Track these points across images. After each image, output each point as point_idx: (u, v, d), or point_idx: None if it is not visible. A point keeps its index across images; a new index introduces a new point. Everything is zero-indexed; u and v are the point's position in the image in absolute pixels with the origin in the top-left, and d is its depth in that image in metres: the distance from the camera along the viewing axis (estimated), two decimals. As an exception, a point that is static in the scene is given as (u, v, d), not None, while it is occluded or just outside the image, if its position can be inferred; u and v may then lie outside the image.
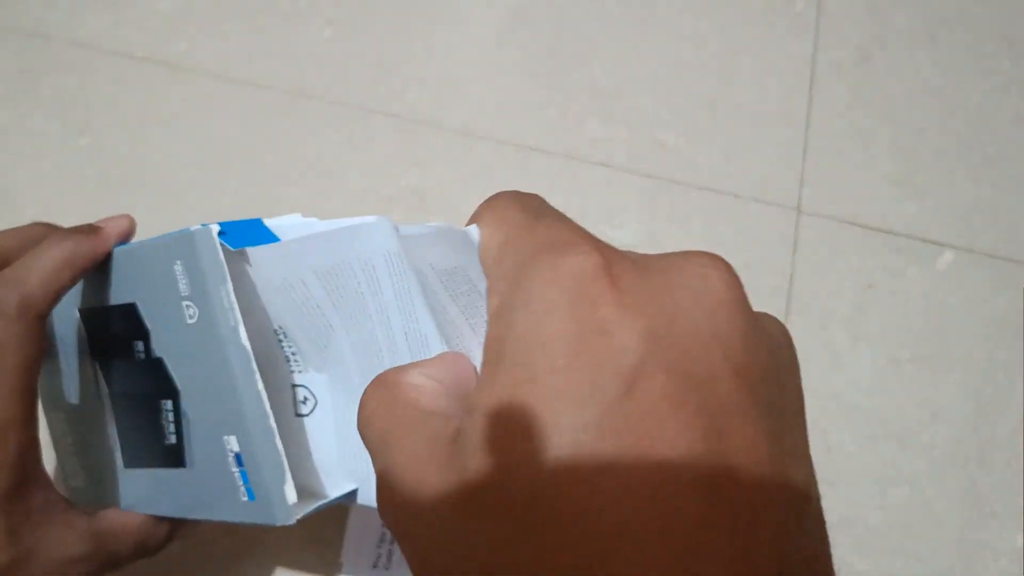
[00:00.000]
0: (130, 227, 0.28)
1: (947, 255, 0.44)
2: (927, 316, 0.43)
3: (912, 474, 0.40)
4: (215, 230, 0.24)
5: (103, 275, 0.28)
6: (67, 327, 0.30)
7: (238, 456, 0.24)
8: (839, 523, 0.40)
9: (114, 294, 0.27)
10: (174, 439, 0.27)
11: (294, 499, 0.24)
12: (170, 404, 0.26)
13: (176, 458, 0.27)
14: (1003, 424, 0.41)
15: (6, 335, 0.25)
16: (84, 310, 0.29)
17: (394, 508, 0.15)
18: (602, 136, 0.46)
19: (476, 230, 0.19)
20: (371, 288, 0.22)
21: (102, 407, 0.29)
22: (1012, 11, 0.49)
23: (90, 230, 0.27)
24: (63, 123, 0.45)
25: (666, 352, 0.14)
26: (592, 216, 0.43)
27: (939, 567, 0.39)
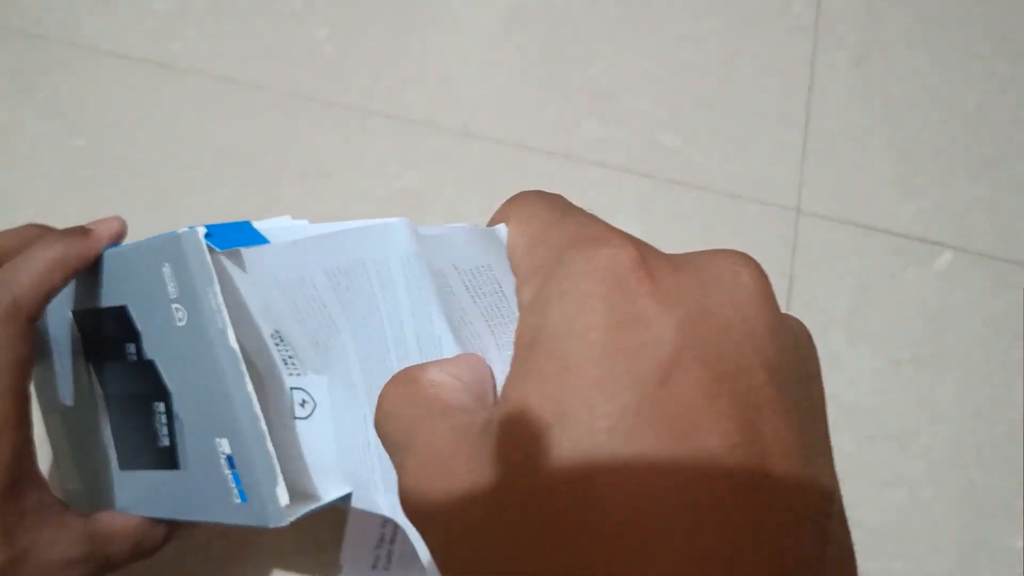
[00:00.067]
0: (121, 229, 0.28)
1: (946, 256, 0.44)
2: (926, 317, 0.43)
3: (911, 475, 0.40)
4: (202, 232, 0.23)
5: (95, 277, 0.28)
6: (61, 329, 0.30)
7: (230, 458, 0.24)
8: (838, 524, 0.39)
9: (105, 296, 0.27)
10: (167, 441, 0.26)
11: (286, 501, 0.23)
12: (162, 406, 0.26)
13: (169, 460, 0.27)
14: (1002, 425, 0.41)
15: None
16: (77, 312, 0.29)
17: (420, 500, 0.15)
18: (601, 136, 0.46)
19: (504, 228, 0.19)
20: (384, 289, 0.21)
21: (97, 409, 0.29)
22: (1010, 12, 0.49)
23: (81, 232, 0.27)
24: (58, 124, 0.45)
25: (701, 344, 0.14)
26: (590, 217, 0.43)
27: (938, 568, 0.39)
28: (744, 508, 0.13)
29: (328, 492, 0.25)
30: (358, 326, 0.23)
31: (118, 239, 0.28)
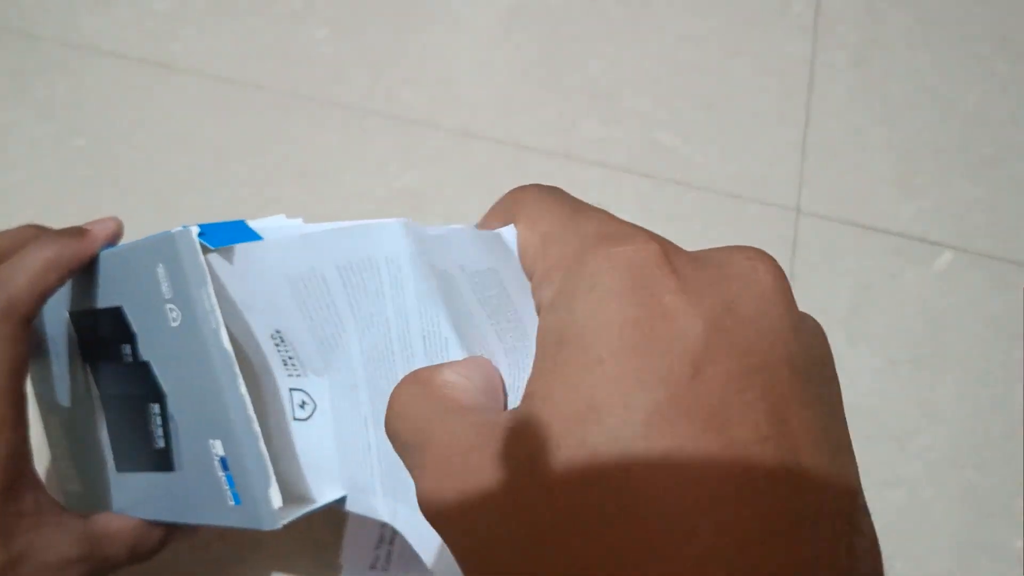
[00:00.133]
0: (117, 229, 0.28)
1: (945, 256, 0.44)
2: (925, 317, 0.43)
3: (911, 475, 0.40)
4: (195, 231, 0.23)
5: (91, 278, 0.27)
6: (58, 329, 0.30)
7: (223, 460, 0.24)
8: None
9: (102, 297, 0.27)
10: (162, 443, 0.26)
11: (279, 504, 0.23)
12: (157, 408, 0.26)
13: (165, 462, 0.27)
14: (1001, 425, 0.41)
15: None
16: (74, 313, 0.29)
17: (441, 501, 0.15)
18: (600, 136, 0.46)
19: (512, 230, 0.19)
20: (393, 288, 0.21)
21: (94, 410, 0.29)
22: (1010, 12, 0.49)
23: (77, 232, 0.27)
24: (57, 124, 0.45)
25: (728, 338, 0.14)
26: (590, 217, 0.43)
27: (938, 568, 0.39)
28: (778, 500, 0.13)
29: (324, 495, 0.25)
30: (364, 325, 0.23)
31: (115, 239, 0.28)
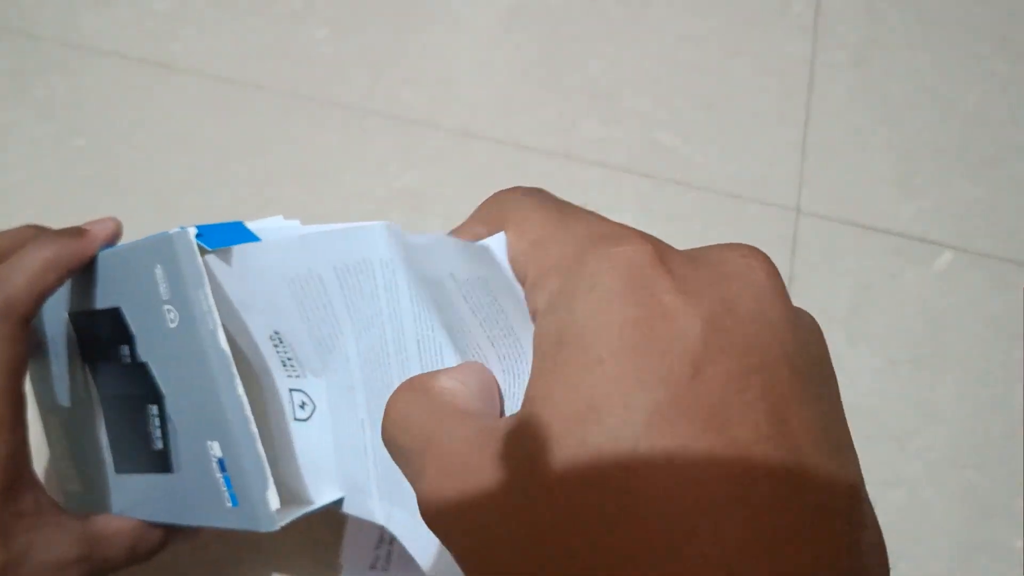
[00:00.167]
0: (116, 229, 0.28)
1: (945, 256, 0.44)
2: (925, 317, 0.43)
3: (910, 475, 0.40)
4: (192, 232, 0.23)
5: (90, 278, 0.27)
6: (58, 330, 0.30)
7: (221, 461, 0.24)
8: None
9: (100, 298, 0.27)
10: (160, 444, 0.26)
11: (277, 505, 0.23)
12: (156, 409, 0.26)
13: (163, 463, 0.26)
14: (1001, 425, 0.41)
15: None
16: (73, 314, 0.29)
17: (444, 508, 0.15)
18: (600, 136, 0.46)
19: (501, 238, 0.18)
20: (388, 291, 0.21)
21: (93, 411, 0.29)
22: (1010, 12, 0.49)
23: (76, 232, 0.27)
24: (57, 124, 0.45)
25: (726, 337, 0.14)
26: (589, 217, 0.43)
27: (938, 568, 0.39)
28: (779, 500, 0.13)
29: (322, 496, 0.25)
30: (360, 328, 0.22)
31: (114, 240, 0.28)
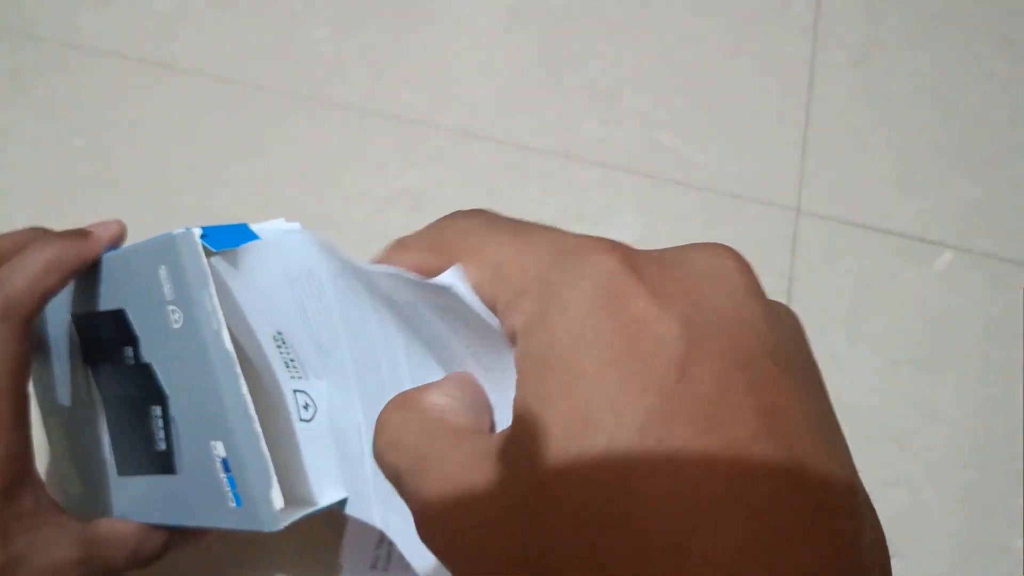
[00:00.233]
0: (120, 232, 0.28)
1: (946, 256, 0.44)
2: (925, 317, 0.43)
3: (911, 475, 0.40)
4: (197, 233, 0.23)
5: (94, 280, 0.27)
6: (60, 331, 0.30)
7: (225, 461, 0.24)
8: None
9: (104, 299, 0.27)
10: (164, 445, 0.26)
11: (281, 505, 0.23)
12: (159, 410, 0.26)
13: (166, 464, 0.26)
14: (1001, 425, 0.41)
15: None
16: (76, 315, 0.29)
17: (443, 529, 0.15)
18: (600, 136, 0.46)
19: (459, 270, 0.17)
20: (373, 299, 0.21)
21: (95, 413, 0.29)
22: (1009, 12, 0.49)
23: (79, 234, 0.27)
24: (57, 124, 0.45)
25: (706, 337, 0.14)
26: (590, 216, 0.43)
27: (938, 568, 0.39)
28: (780, 498, 0.13)
29: (325, 496, 0.25)
30: (355, 332, 0.23)
31: (117, 242, 0.28)
